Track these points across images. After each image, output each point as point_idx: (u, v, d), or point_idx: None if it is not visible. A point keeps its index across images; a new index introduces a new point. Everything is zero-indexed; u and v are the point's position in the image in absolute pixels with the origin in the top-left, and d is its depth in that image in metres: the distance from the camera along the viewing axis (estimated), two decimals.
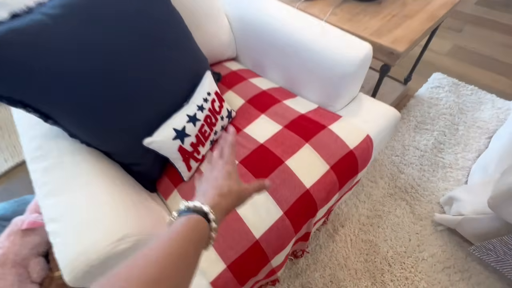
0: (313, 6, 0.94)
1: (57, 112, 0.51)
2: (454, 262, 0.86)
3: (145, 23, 0.55)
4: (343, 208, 1.01)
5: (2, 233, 0.66)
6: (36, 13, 0.48)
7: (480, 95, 1.30)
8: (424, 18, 0.84)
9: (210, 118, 0.66)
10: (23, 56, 0.44)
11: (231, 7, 0.90)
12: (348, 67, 0.69)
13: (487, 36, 1.62)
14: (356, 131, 0.70)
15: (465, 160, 1.08)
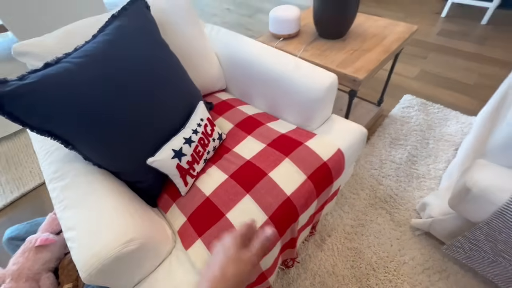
0: (288, 45, 1.12)
1: (76, 139, 0.62)
2: (432, 263, 0.93)
3: (150, 64, 0.69)
4: (329, 219, 1.09)
5: (17, 251, 0.72)
6: (63, 62, 0.61)
7: (445, 113, 1.45)
8: (380, 51, 1.01)
9: (203, 140, 0.78)
10: (55, 95, 0.56)
11: (220, 47, 1.06)
12: (318, 93, 0.82)
13: (449, 61, 1.84)
14: (328, 146, 0.82)
15: (436, 170, 1.20)
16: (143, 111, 0.68)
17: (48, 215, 0.86)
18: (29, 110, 0.56)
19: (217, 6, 3.08)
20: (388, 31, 1.11)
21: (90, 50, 0.64)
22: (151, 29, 0.75)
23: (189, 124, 0.76)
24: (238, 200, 0.70)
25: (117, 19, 0.71)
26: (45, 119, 0.58)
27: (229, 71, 1.07)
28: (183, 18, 0.92)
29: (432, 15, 2.36)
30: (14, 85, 0.54)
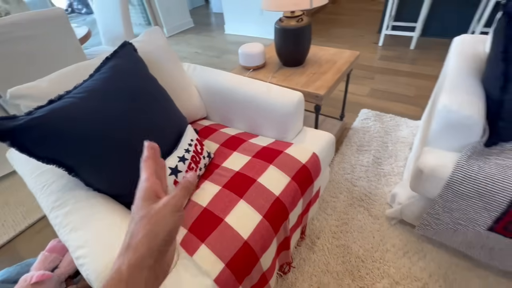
0: (257, 74, 1.29)
1: (80, 166, 0.68)
2: (410, 246, 1.05)
3: (143, 95, 0.79)
4: (316, 223, 1.17)
5: None
6: (66, 98, 0.69)
7: (397, 120, 1.70)
8: (334, 72, 1.22)
9: (195, 158, 0.86)
10: (61, 126, 0.63)
11: (198, 81, 1.19)
12: (289, 108, 0.97)
13: (392, 79, 2.18)
14: (305, 151, 0.94)
15: (398, 167, 1.37)
16: (140, 136, 0.75)
17: (40, 254, 0.84)
18: (38, 142, 0.61)
19: (186, 51, 3.33)
20: (337, 57, 1.35)
21: (90, 86, 0.73)
22: (140, 66, 0.87)
23: (181, 145, 0.85)
24: (233, 205, 0.77)
25: (111, 60, 0.82)
26: (52, 149, 0.63)
27: (209, 100, 1.19)
28: (165, 57, 1.06)
29: (372, 44, 2.80)
30: (24, 119, 0.60)
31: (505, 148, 0.84)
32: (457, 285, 0.93)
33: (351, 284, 0.96)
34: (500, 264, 0.86)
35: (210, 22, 4.33)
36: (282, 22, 1.19)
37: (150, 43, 1.03)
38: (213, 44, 3.43)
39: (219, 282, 0.64)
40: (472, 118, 0.80)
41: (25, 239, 1.32)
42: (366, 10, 3.86)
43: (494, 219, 0.79)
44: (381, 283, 0.96)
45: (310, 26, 1.20)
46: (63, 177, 0.77)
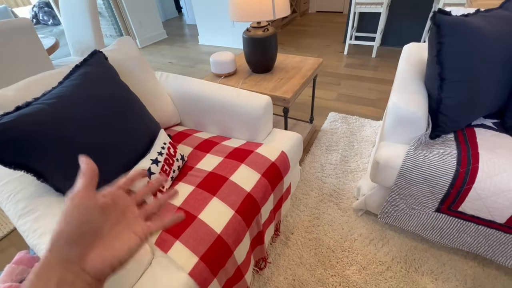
0: (229, 81, 1.36)
1: (50, 171, 0.68)
2: (375, 234, 1.14)
3: (114, 100, 0.81)
4: (289, 219, 1.23)
5: None
6: (35, 104, 0.70)
7: (361, 121, 1.83)
8: (299, 77, 1.31)
9: (168, 160, 0.89)
10: (30, 131, 0.64)
11: (171, 88, 1.22)
12: (258, 111, 1.03)
13: (356, 85, 2.35)
14: (274, 150, 1.01)
15: (363, 163, 1.49)
16: (112, 139, 0.78)
17: (6, 266, 0.80)
18: (5, 147, 0.62)
19: (160, 61, 3.33)
20: (302, 64, 1.46)
21: (59, 93, 0.74)
22: (111, 73, 0.89)
23: (154, 148, 0.87)
24: (207, 203, 0.81)
25: (81, 68, 0.84)
26: (21, 154, 0.64)
27: (182, 107, 1.23)
28: (137, 66, 1.08)
29: (337, 53, 3.01)
30: None
31: (445, 139, 0.96)
32: (416, 264, 1.02)
33: (323, 273, 1.02)
34: (449, 242, 0.97)
35: (184, 33, 4.38)
36: (249, 32, 1.28)
37: (121, 51, 1.06)
38: (187, 54, 3.48)
39: (194, 275, 0.67)
40: (417, 113, 0.91)
41: None
42: (332, 22, 4.14)
43: (439, 201, 0.89)
44: (350, 270, 1.03)
45: (276, 35, 1.30)
46: (31, 185, 0.76)
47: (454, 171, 0.84)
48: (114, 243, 0.26)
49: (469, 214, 0.87)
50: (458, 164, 0.85)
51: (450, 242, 0.97)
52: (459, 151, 0.88)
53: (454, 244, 0.96)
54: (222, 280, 0.76)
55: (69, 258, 0.24)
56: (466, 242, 0.94)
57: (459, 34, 0.87)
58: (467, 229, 0.90)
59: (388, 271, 1.01)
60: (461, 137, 0.95)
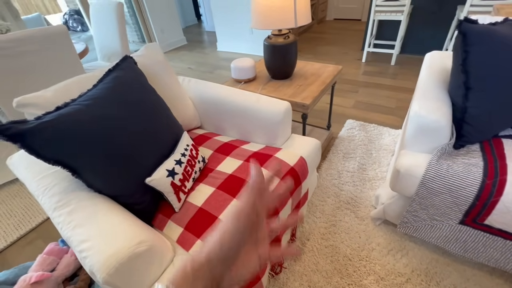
0: (248, 86, 1.39)
1: (83, 167, 0.72)
2: (394, 245, 1.11)
3: (143, 103, 0.86)
4: (305, 226, 1.23)
5: None
6: (72, 105, 0.75)
7: (379, 129, 1.81)
8: (319, 84, 1.33)
9: (190, 161, 0.92)
10: (68, 130, 0.69)
11: (193, 92, 1.27)
12: (278, 117, 1.05)
13: (375, 93, 2.32)
14: (293, 155, 1.02)
15: (382, 172, 1.46)
16: (140, 140, 0.81)
17: (38, 256, 0.85)
18: (46, 144, 0.66)
19: (180, 66, 3.44)
20: (322, 71, 1.47)
21: (95, 95, 0.79)
22: (140, 78, 0.94)
23: (177, 149, 0.91)
24: (227, 204, 0.83)
25: (113, 72, 0.89)
26: (59, 151, 0.68)
27: (203, 111, 1.27)
28: (163, 70, 1.14)
29: (356, 61, 2.99)
30: (34, 123, 0.66)
31: (470, 149, 0.93)
32: (437, 278, 0.99)
33: (339, 282, 1.01)
34: (474, 256, 0.94)
35: (203, 39, 4.51)
36: (270, 39, 1.31)
37: (149, 57, 1.11)
38: (205, 60, 3.57)
39: None
40: (439, 122, 0.90)
41: (16, 250, 1.31)
42: (350, 29, 4.12)
43: (463, 213, 0.87)
44: (368, 280, 1.01)
45: (296, 43, 1.32)
46: (64, 180, 0.81)
47: (480, 182, 0.82)
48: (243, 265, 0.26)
49: (496, 227, 0.84)
50: (484, 175, 0.82)
51: (474, 256, 0.94)
52: (485, 162, 0.86)
53: (479, 259, 0.93)
54: None
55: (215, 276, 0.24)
56: (492, 257, 0.90)
57: (486, 43, 0.85)
58: (494, 243, 0.87)
59: (407, 283, 0.98)
60: (488, 147, 0.92)
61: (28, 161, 0.90)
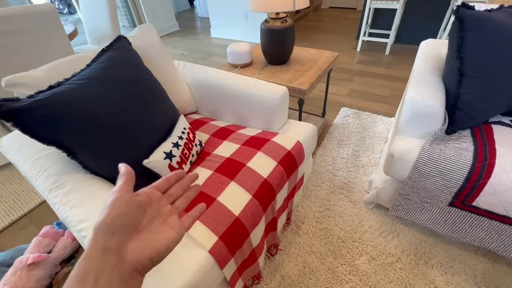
0: (245, 71, 1.37)
1: (79, 148, 0.71)
2: (385, 227, 1.15)
3: (138, 84, 0.84)
4: (300, 210, 1.25)
5: (7, 272, 0.70)
6: (66, 84, 0.73)
7: (373, 117, 1.83)
8: (315, 70, 1.32)
9: (188, 144, 0.91)
10: (62, 109, 0.67)
11: (188, 77, 1.25)
12: (274, 101, 1.05)
13: (369, 81, 2.34)
14: (290, 140, 1.02)
15: (375, 158, 1.49)
16: (137, 121, 0.80)
17: (33, 239, 0.85)
18: (40, 123, 0.65)
19: (172, 53, 3.36)
20: (318, 57, 1.46)
21: (88, 74, 0.77)
22: (136, 58, 0.92)
23: (174, 132, 0.90)
24: (225, 186, 0.83)
25: (107, 52, 0.86)
26: (54, 131, 0.67)
27: (198, 95, 1.25)
28: (158, 53, 1.11)
29: (350, 50, 2.99)
30: (27, 101, 0.64)
31: (462, 134, 0.96)
32: (426, 258, 1.03)
33: (333, 262, 1.04)
34: (460, 236, 0.98)
35: (196, 25, 4.39)
36: (267, 23, 1.28)
37: (143, 38, 1.08)
38: (198, 46, 3.49)
39: (213, 253, 0.70)
40: (433, 107, 0.92)
41: (9, 235, 1.29)
42: (345, 18, 4.09)
43: (453, 195, 0.90)
44: (360, 260, 1.05)
45: (294, 27, 1.30)
46: (59, 162, 0.80)
47: (470, 165, 0.85)
48: (153, 236, 0.28)
49: (483, 208, 0.87)
50: (474, 159, 0.85)
51: (461, 236, 0.98)
52: (475, 146, 0.89)
53: (466, 238, 0.97)
54: (238, 261, 0.79)
55: (108, 247, 0.25)
56: (478, 237, 0.94)
57: (482, 29, 0.86)
58: (480, 223, 0.91)
59: (397, 263, 1.03)
60: (478, 133, 0.95)
61: (19, 144, 0.88)
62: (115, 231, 0.25)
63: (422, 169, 0.92)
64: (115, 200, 0.27)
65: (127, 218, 0.26)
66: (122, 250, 0.25)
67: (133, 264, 0.25)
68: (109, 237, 0.25)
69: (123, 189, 0.28)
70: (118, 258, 0.25)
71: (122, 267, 0.24)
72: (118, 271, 0.24)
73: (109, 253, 0.24)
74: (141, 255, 0.26)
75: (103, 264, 0.23)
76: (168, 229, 0.29)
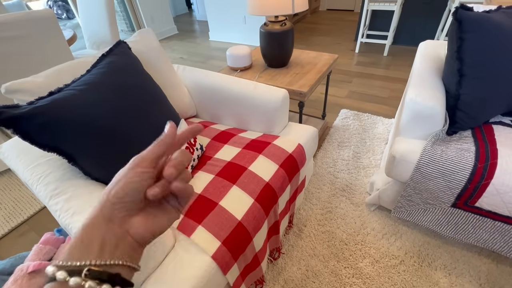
0: (245, 74, 1.37)
1: (80, 154, 0.71)
2: (388, 229, 1.14)
3: (139, 89, 0.84)
4: (302, 213, 1.25)
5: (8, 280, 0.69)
6: (66, 90, 0.73)
7: (373, 119, 1.83)
8: (315, 72, 1.32)
9: (189, 149, 0.91)
10: (63, 115, 0.66)
11: (188, 80, 1.24)
12: (275, 104, 1.05)
13: (368, 83, 2.34)
14: (291, 143, 1.02)
15: (376, 160, 1.49)
16: (138, 127, 0.80)
17: (34, 246, 0.84)
18: (40, 129, 0.64)
19: (171, 56, 3.36)
20: (317, 59, 1.47)
21: (89, 80, 0.77)
22: (135, 63, 0.92)
23: None
24: (227, 191, 0.83)
25: (107, 57, 0.86)
26: (54, 137, 0.66)
27: (198, 99, 1.25)
28: (158, 57, 1.11)
29: (349, 51, 3.00)
30: (27, 108, 0.63)
31: (463, 135, 0.96)
32: (429, 259, 1.03)
33: (336, 265, 1.04)
34: (464, 237, 0.98)
35: (194, 29, 4.41)
36: (267, 26, 1.29)
37: (142, 43, 1.08)
38: (197, 50, 3.50)
39: (216, 258, 0.69)
40: (434, 108, 0.92)
41: (8, 242, 1.28)
42: (343, 20, 4.11)
43: (456, 196, 0.90)
44: (363, 262, 1.04)
45: (293, 30, 1.31)
46: (60, 168, 0.79)
47: (472, 166, 0.84)
48: (157, 213, 0.27)
49: (486, 209, 0.87)
50: (476, 159, 0.85)
51: (465, 238, 0.98)
52: (477, 147, 0.89)
53: (469, 240, 0.97)
54: (241, 266, 0.78)
55: (113, 219, 0.24)
56: (481, 238, 0.94)
57: (481, 30, 0.87)
58: (483, 224, 0.91)
59: (401, 265, 1.02)
60: (479, 133, 0.95)
61: (19, 150, 0.87)
62: (124, 204, 0.25)
63: (424, 171, 0.92)
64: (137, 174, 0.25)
65: (138, 195, 0.26)
66: (125, 224, 0.25)
67: (135, 237, 0.25)
68: (115, 210, 0.25)
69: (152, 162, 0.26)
70: (121, 230, 0.25)
71: (125, 239, 0.25)
72: (122, 242, 0.24)
73: (113, 224, 0.24)
74: (145, 230, 0.26)
75: (107, 233, 0.24)
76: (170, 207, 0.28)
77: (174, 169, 0.26)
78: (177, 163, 0.26)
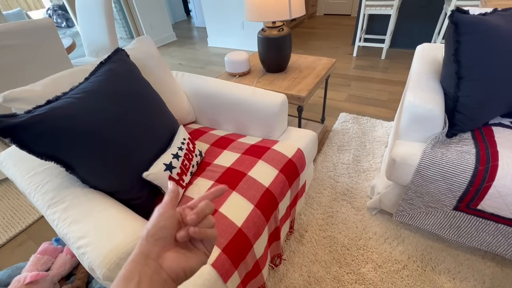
0: (243, 79, 1.38)
1: (77, 163, 0.70)
2: (390, 233, 1.13)
3: (137, 97, 0.84)
4: (303, 218, 1.24)
5: None
6: (64, 98, 0.72)
7: (373, 122, 1.83)
8: (313, 77, 1.33)
9: (188, 155, 0.90)
10: (60, 124, 0.66)
11: (187, 87, 1.25)
12: (273, 109, 1.05)
13: (366, 86, 2.35)
14: (290, 147, 1.02)
15: (376, 163, 1.49)
16: (136, 134, 0.80)
17: (31, 256, 0.83)
18: (38, 138, 0.64)
19: (170, 63, 3.38)
20: (315, 64, 1.47)
21: (87, 88, 0.77)
22: (134, 70, 0.92)
23: (174, 143, 0.89)
24: (226, 197, 0.82)
25: (106, 65, 0.86)
26: (52, 146, 0.66)
27: (197, 105, 1.25)
28: (156, 64, 1.11)
29: (347, 55, 3.01)
30: (24, 117, 0.63)
31: (462, 137, 0.96)
32: (432, 264, 1.01)
33: (338, 271, 1.02)
34: (467, 241, 0.97)
35: (193, 35, 4.44)
36: (264, 31, 1.30)
37: (141, 50, 1.08)
38: (196, 56, 3.52)
39: (216, 266, 0.68)
40: (433, 111, 0.92)
41: (6, 252, 1.26)
42: (340, 24, 4.15)
43: (457, 199, 0.89)
44: (366, 268, 1.02)
45: (291, 35, 1.31)
46: (58, 177, 0.78)
47: (473, 168, 0.84)
48: (188, 253, 0.31)
49: (489, 212, 0.86)
50: (477, 162, 0.84)
51: (468, 241, 0.96)
52: (477, 149, 0.88)
53: (472, 243, 0.96)
54: (242, 273, 0.77)
55: (150, 254, 0.28)
56: (484, 241, 0.93)
57: (477, 32, 0.87)
58: (486, 227, 0.90)
59: (404, 270, 1.00)
60: (479, 135, 0.95)
61: (17, 159, 0.87)
62: (157, 241, 0.29)
63: (425, 174, 0.91)
64: (161, 214, 0.30)
65: (168, 231, 0.30)
66: (160, 258, 0.29)
67: (169, 271, 0.29)
68: (152, 246, 0.29)
69: (169, 205, 0.32)
70: (157, 264, 0.28)
71: (160, 273, 0.28)
72: (157, 276, 0.28)
73: (150, 259, 0.28)
74: (176, 265, 0.29)
75: (145, 268, 0.27)
76: (201, 251, 0.32)
77: (195, 215, 0.30)
78: (199, 211, 0.31)
